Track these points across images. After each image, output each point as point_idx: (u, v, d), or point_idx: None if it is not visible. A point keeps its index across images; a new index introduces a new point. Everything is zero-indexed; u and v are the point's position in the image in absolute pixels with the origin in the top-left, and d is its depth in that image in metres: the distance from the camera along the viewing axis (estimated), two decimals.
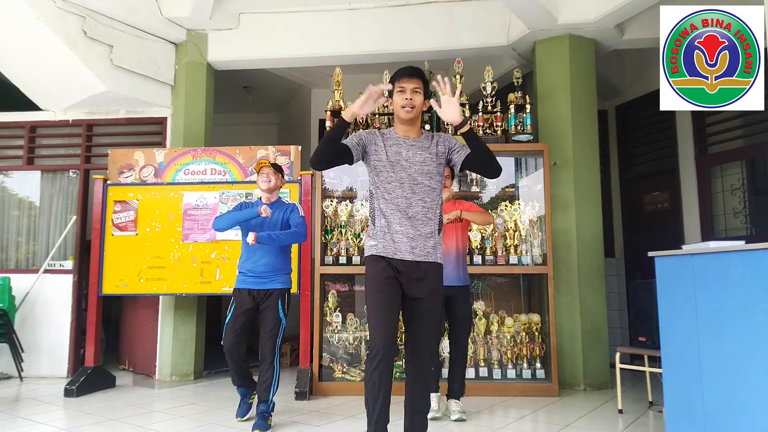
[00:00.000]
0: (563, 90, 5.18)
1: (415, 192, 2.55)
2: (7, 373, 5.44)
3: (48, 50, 5.11)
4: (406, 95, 2.54)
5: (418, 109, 2.58)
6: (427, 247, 2.54)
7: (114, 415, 3.98)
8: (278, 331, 3.65)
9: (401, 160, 2.57)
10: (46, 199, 5.96)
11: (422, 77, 2.60)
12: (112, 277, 4.92)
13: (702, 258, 2.85)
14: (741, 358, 2.62)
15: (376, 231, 2.57)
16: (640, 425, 3.69)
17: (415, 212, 2.54)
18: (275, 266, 3.72)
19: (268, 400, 3.59)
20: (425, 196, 2.57)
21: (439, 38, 5.58)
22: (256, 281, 3.69)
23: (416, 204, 2.55)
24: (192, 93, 5.77)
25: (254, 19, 5.78)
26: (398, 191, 2.54)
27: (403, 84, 2.56)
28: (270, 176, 3.75)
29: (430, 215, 2.57)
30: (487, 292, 5.10)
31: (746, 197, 5.28)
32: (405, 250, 2.51)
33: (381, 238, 2.54)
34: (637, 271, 6.14)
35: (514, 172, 5.29)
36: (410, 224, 2.53)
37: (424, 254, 2.53)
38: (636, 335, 4.10)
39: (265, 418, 3.53)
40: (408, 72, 2.58)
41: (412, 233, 2.52)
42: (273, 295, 3.68)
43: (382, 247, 2.53)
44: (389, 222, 2.53)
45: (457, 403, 3.83)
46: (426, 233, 2.55)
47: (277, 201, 3.84)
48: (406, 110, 2.55)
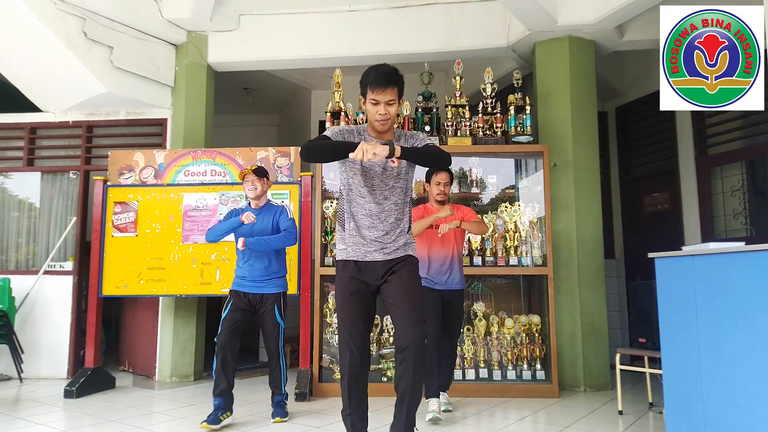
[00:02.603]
0: (563, 91, 5.18)
1: (386, 197, 2.55)
2: (7, 374, 5.43)
3: (48, 52, 5.11)
4: (380, 110, 2.46)
5: (393, 118, 2.52)
6: (398, 246, 2.55)
7: (114, 416, 3.97)
8: (278, 334, 3.85)
9: (374, 165, 2.53)
10: (46, 200, 5.96)
11: (398, 83, 2.48)
12: (112, 278, 4.92)
13: (702, 259, 2.84)
14: (741, 360, 2.62)
15: (345, 235, 2.56)
16: (641, 426, 3.68)
17: (386, 216, 2.54)
18: (270, 271, 3.82)
19: (281, 392, 3.88)
20: (397, 198, 2.56)
21: (438, 39, 5.59)
22: (252, 286, 3.80)
23: (388, 207, 2.54)
24: (192, 94, 5.78)
25: (254, 20, 5.79)
26: (369, 196, 2.53)
27: (376, 96, 2.44)
28: (255, 183, 3.84)
29: (400, 215, 2.57)
30: (487, 293, 5.10)
31: (746, 198, 5.27)
32: (374, 250, 2.51)
33: (350, 241, 2.53)
34: (637, 272, 6.14)
35: (514, 174, 5.30)
36: (381, 228, 2.52)
37: (395, 251, 2.54)
38: (636, 336, 4.10)
39: (282, 407, 3.85)
40: (382, 82, 2.43)
41: (382, 236, 2.52)
42: (269, 300, 3.80)
43: (353, 250, 2.52)
44: (359, 226, 2.53)
45: (443, 395, 4.04)
46: (397, 233, 2.55)
47: (266, 205, 3.93)
48: (380, 124, 2.49)
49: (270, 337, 3.82)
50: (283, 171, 5.12)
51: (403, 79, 2.51)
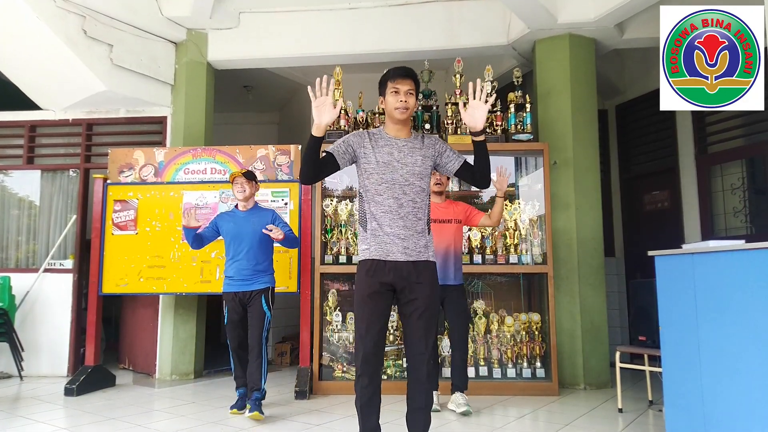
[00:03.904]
0: (563, 89, 5.18)
1: (406, 193, 2.55)
2: (8, 372, 5.44)
3: (48, 50, 5.11)
4: (401, 97, 2.55)
5: (411, 110, 2.59)
6: (419, 246, 2.55)
7: (114, 414, 3.98)
8: (263, 324, 3.91)
9: (393, 162, 2.56)
10: (46, 198, 5.97)
11: (415, 78, 2.61)
12: (112, 277, 4.92)
13: (702, 257, 2.85)
14: (741, 358, 2.62)
15: (367, 235, 2.58)
16: (640, 424, 3.69)
17: (406, 213, 2.54)
18: (257, 269, 3.98)
19: (260, 388, 3.86)
20: (416, 197, 2.57)
21: (439, 37, 5.59)
22: (241, 284, 3.96)
23: (407, 205, 2.55)
24: (192, 92, 5.77)
25: (254, 18, 5.78)
26: (389, 192, 2.54)
27: (397, 85, 2.56)
28: (244, 186, 4.00)
29: (420, 215, 2.58)
30: (487, 291, 5.10)
31: (746, 196, 5.28)
32: (397, 251, 2.51)
33: (373, 241, 2.54)
34: (637, 270, 6.14)
35: (514, 172, 5.29)
36: (402, 225, 2.53)
37: (417, 253, 2.54)
38: (636, 334, 4.11)
39: (259, 405, 3.81)
40: (403, 73, 2.57)
41: (404, 234, 2.52)
42: (257, 293, 3.95)
43: (375, 250, 2.53)
44: (380, 224, 2.54)
45: (462, 395, 3.95)
46: (417, 232, 2.56)
47: (254, 207, 4.10)
48: (400, 111, 2.55)
49: (255, 326, 3.90)
50: (283, 169, 5.12)
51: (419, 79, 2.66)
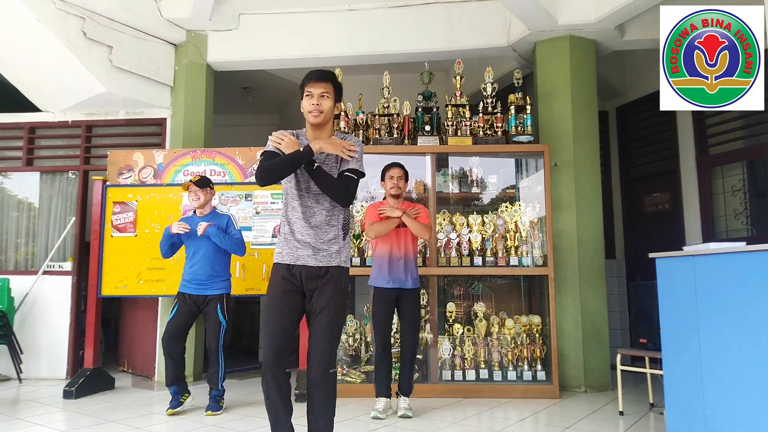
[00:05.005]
0: (564, 91, 5.17)
1: (318, 201, 2.54)
2: (6, 374, 5.42)
3: (48, 51, 5.10)
4: (314, 100, 2.50)
5: (326, 113, 2.53)
6: (331, 253, 2.54)
7: (113, 417, 3.97)
8: (220, 332, 4.14)
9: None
10: (45, 200, 5.96)
11: (332, 81, 2.56)
12: (112, 279, 4.91)
13: (703, 259, 2.84)
14: (742, 360, 2.61)
15: (280, 238, 2.58)
16: (641, 427, 3.67)
17: (318, 222, 2.53)
18: (213, 273, 4.14)
19: (218, 388, 4.11)
20: (329, 204, 2.55)
21: (438, 39, 5.58)
22: (197, 287, 4.13)
23: (319, 213, 2.54)
24: (192, 94, 5.77)
25: (254, 20, 5.78)
26: (301, 200, 2.54)
27: (310, 88, 2.52)
28: (198, 194, 4.15)
29: (333, 222, 2.56)
30: (487, 293, 5.09)
31: (747, 198, 5.26)
32: (307, 255, 2.50)
33: (284, 245, 2.54)
34: (637, 272, 6.12)
35: (515, 174, 5.29)
36: (313, 233, 2.52)
37: (327, 260, 2.53)
38: (637, 337, 4.10)
39: (217, 401, 4.09)
40: (316, 76, 2.53)
41: (314, 242, 2.51)
42: (213, 301, 4.13)
43: (286, 254, 2.53)
44: (293, 230, 2.53)
45: (405, 399, 4.01)
46: (329, 240, 2.54)
47: (211, 213, 4.25)
48: (313, 115, 2.52)
49: (212, 335, 4.11)
50: None
51: (338, 80, 2.62)
